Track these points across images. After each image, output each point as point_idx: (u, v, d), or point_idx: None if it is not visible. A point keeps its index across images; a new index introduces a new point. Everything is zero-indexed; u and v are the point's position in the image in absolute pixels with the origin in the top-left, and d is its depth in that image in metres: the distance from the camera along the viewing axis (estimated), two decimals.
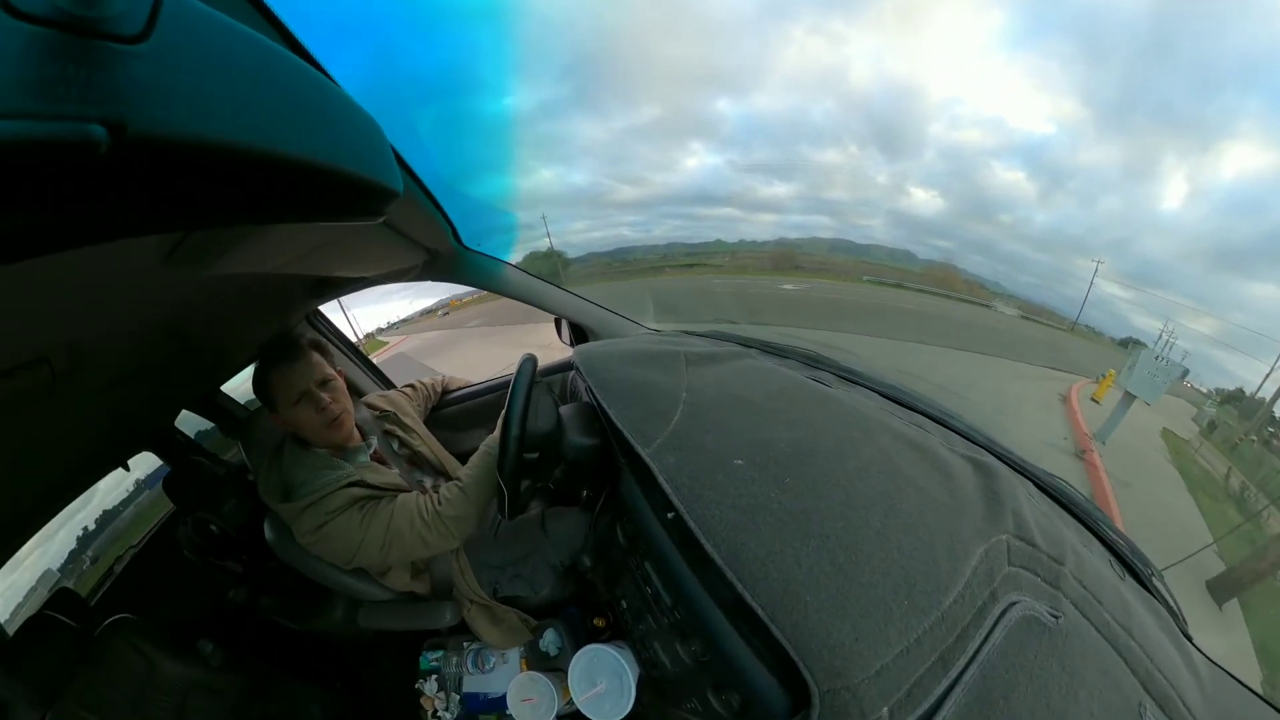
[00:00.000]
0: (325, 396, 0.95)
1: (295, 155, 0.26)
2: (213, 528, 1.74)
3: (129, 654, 1.24)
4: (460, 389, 1.59)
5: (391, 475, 1.01)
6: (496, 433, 0.94)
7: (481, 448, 1.03)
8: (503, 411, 0.80)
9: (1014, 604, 0.45)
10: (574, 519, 1.12)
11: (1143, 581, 0.66)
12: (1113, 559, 0.66)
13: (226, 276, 0.69)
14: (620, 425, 0.69)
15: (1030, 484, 0.70)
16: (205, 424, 1.72)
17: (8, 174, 0.15)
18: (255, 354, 0.98)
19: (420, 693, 1.13)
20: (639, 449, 0.64)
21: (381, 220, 0.40)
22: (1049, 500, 0.70)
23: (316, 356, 0.97)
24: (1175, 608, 0.64)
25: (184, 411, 1.67)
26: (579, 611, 1.19)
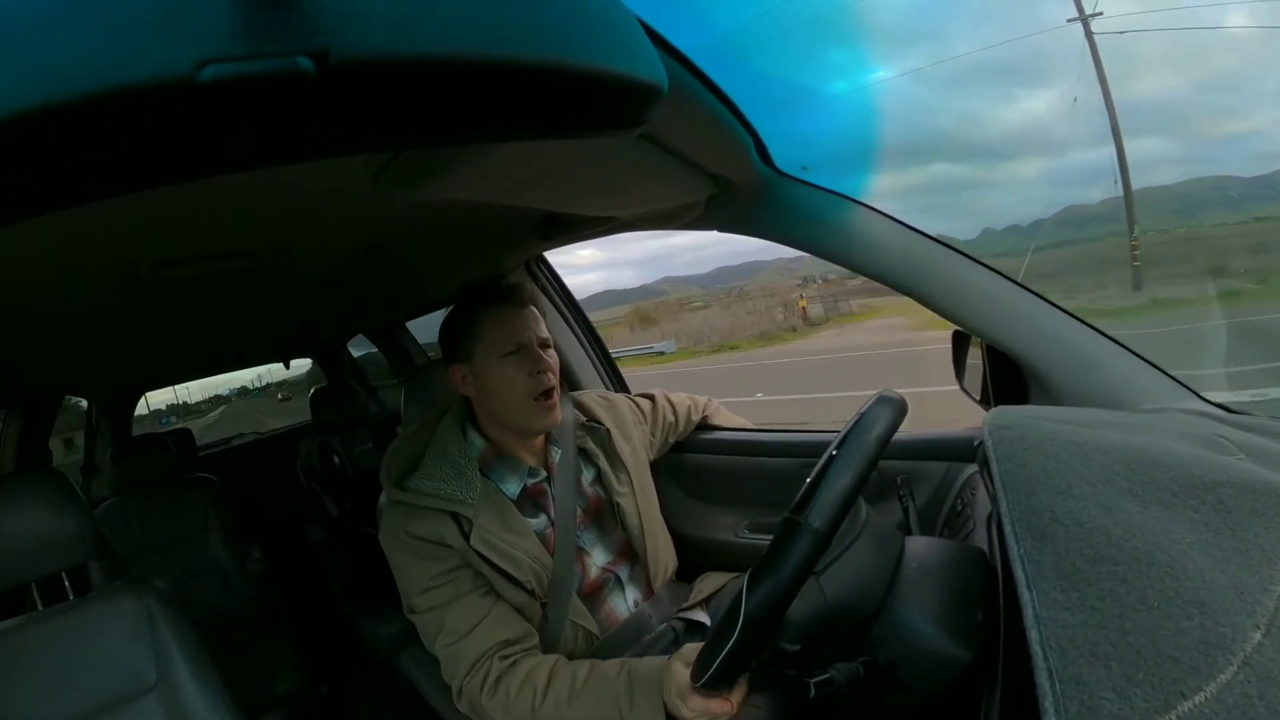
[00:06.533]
0: (546, 358, 1.16)
1: (505, 56, 0.35)
2: (336, 458, 2.37)
3: (195, 506, 2.23)
4: (727, 429, 1.61)
5: (520, 536, 1.15)
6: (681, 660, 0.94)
7: (619, 668, 1.03)
8: (801, 495, 0.73)
9: None
10: None
11: None
12: None
13: (436, 204, 0.95)
14: (1041, 646, 0.52)
15: None
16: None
17: (234, 104, 0.30)
18: (453, 295, 1.24)
19: None
20: None
21: (638, 133, 0.47)
22: None
23: (538, 313, 1.20)
24: None
25: None
26: None
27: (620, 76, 0.41)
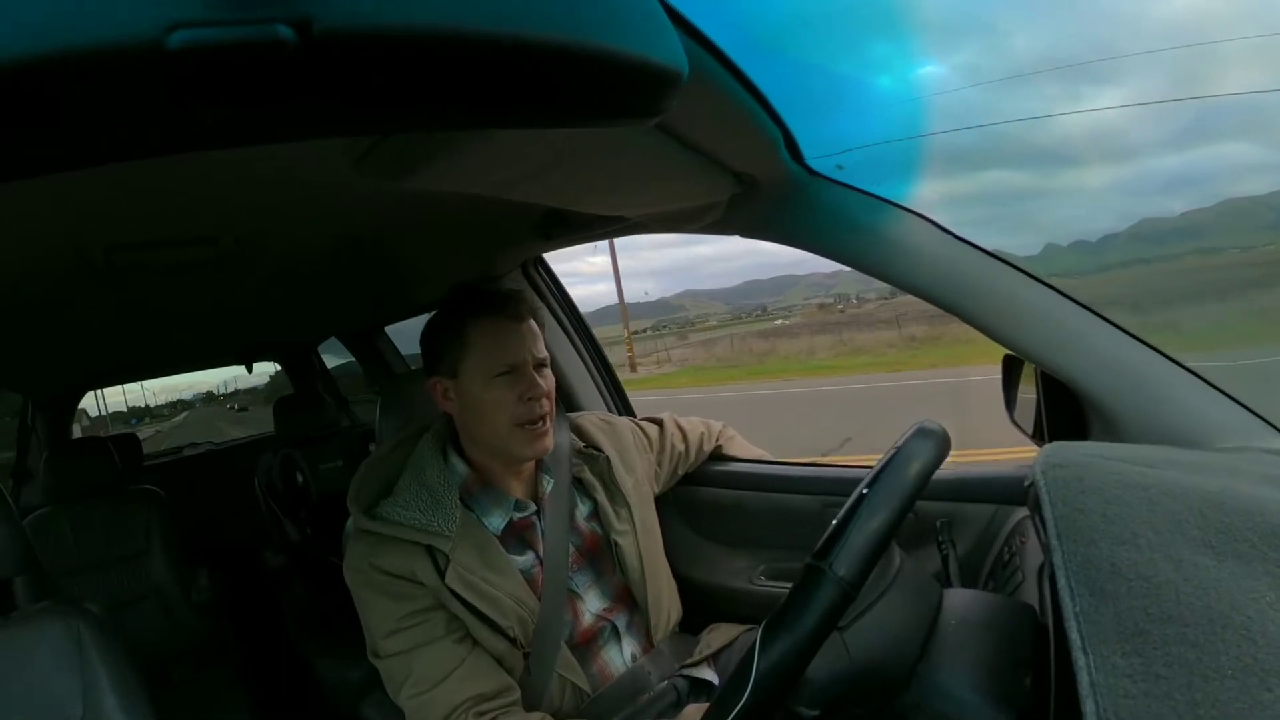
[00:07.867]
0: (542, 384, 1.14)
1: (507, 32, 0.36)
2: (299, 476, 2.36)
3: (137, 521, 2.22)
4: (743, 460, 1.62)
5: (502, 575, 1.15)
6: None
7: None
8: (826, 538, 0.73)
9: None
10: None
11: None
12: None
13: (424, 196, 0.99)
14: (1098, 719, 0.53)
15: None
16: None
17: (205, 75, 0.31)
18: (439, 298, 1.24)
19: None
20: None
21: (654, 122, 0.48)
22: None
23: (537, 328, 1.20)
24: None
25: None
26: None
27: (636, 60, 0.41)
